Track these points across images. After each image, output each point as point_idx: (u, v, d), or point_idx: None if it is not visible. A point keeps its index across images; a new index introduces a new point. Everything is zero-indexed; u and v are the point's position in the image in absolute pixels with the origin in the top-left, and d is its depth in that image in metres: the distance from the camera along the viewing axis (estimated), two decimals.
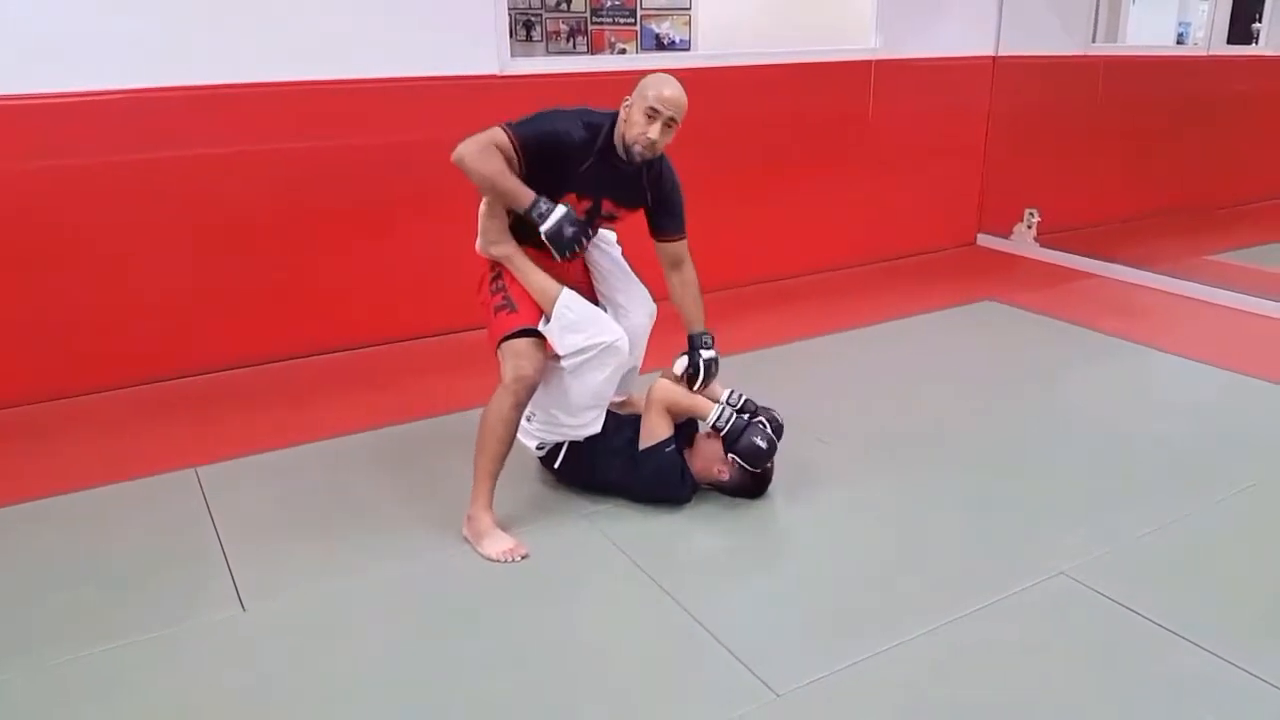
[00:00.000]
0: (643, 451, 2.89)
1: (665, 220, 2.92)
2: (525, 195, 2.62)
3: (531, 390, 2.75)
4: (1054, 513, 2.93)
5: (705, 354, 2.94)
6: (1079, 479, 3.15)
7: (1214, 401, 3.86)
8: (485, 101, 4.10)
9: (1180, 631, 2.34)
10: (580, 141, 2.68)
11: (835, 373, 4.09)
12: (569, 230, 2.62)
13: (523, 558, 2.67)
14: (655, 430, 2.88)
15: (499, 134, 2.63)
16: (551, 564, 2.67)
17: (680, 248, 2.97)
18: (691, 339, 2.97)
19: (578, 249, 2.68)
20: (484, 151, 2.60)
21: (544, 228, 2.61)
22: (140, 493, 3.07)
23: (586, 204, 2.76)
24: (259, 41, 3.83)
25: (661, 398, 2.88)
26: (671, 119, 2.67)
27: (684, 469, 2.92)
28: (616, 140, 2.71)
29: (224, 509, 2.95)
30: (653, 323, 3.03)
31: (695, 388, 2.93)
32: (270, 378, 4.02)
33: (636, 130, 2.65)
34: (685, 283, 2.98)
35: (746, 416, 2.88)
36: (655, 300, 3.07)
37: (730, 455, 2.86)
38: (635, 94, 2.69)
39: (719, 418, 2.84)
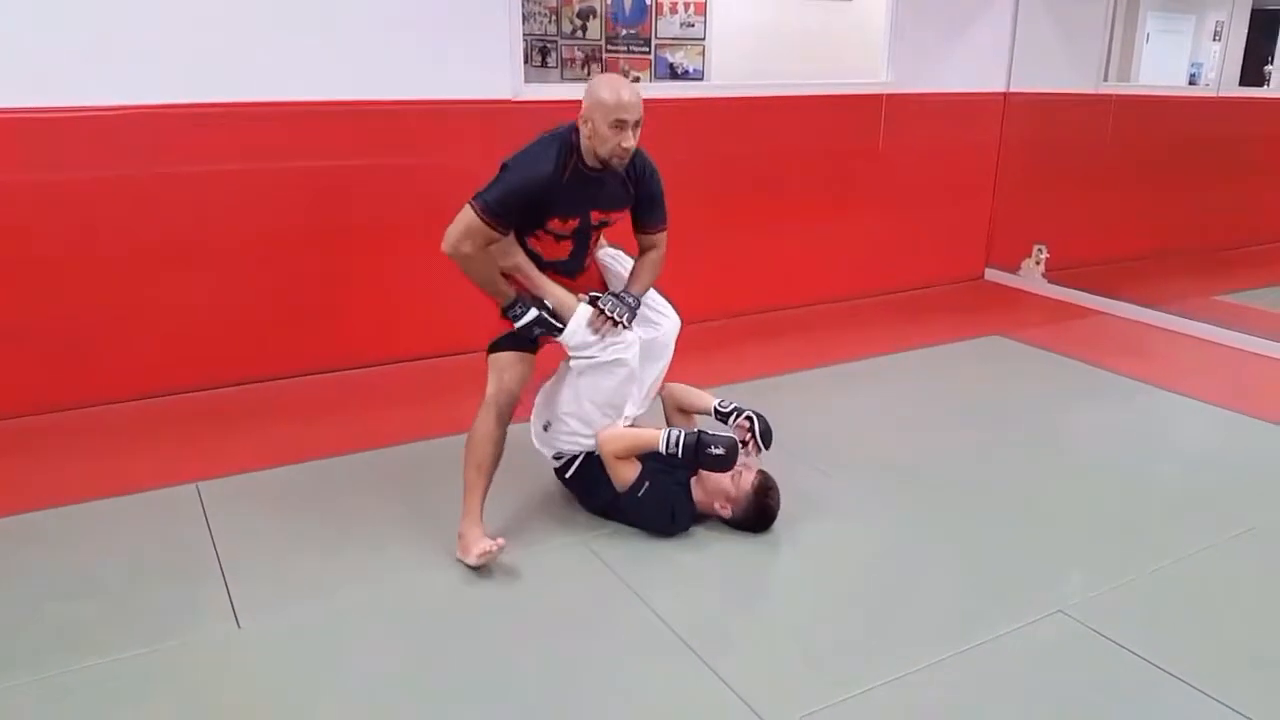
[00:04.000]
0: (623, 497, 2.90)
1: (648, 216, 2.93)
2: (504, 296, 2.74)
3: (514, 403, 2.78)
4: (1054, 550, 2.92)
5: (625, 296, 2.88)
6: (1080, 517, 3.14)
7: (1218, 442, 3.85)
8: (498, 126, 4.13)
9: (1177, 673, 2.32)
10: (549, 175, 2.66)
11: (840, 404, 4.10)
12: (536, 331, 2.75)
13: (500, 547, 2.65)
14: (622, 475, 2.88)
15: (469, 217, 2.65)
16: (545, 588, 2.67)
17: (660, 238, 2.97)
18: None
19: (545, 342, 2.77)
20: (462, 252, 2.66)
21: (516, 326, 2.75)
22: (141, 507, 3.07)
23: (573, 223, 2.77)
24: (278, 62, 3.87)
25: (610, 450, 2.86)
26: (637, 121, 2.66)
27: (674, 506, 2.91)
28: (585, 154, 2.70)
29: (223, 525, 2.96)
30: (677, 334, 3.02)
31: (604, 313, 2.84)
32: (274, 395, 4.04)
33: (610, 145, 2.64)
34: (649, 262, 2.97)
35: (698, 432, 2.87)
36: (680, 316, 3.07)
37: (700, 471, 2.89)
38: (590, 106, 2.63)
39: (668, 443, 2.84)
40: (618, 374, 2.83)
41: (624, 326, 2.83)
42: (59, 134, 3.59)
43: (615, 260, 3.02)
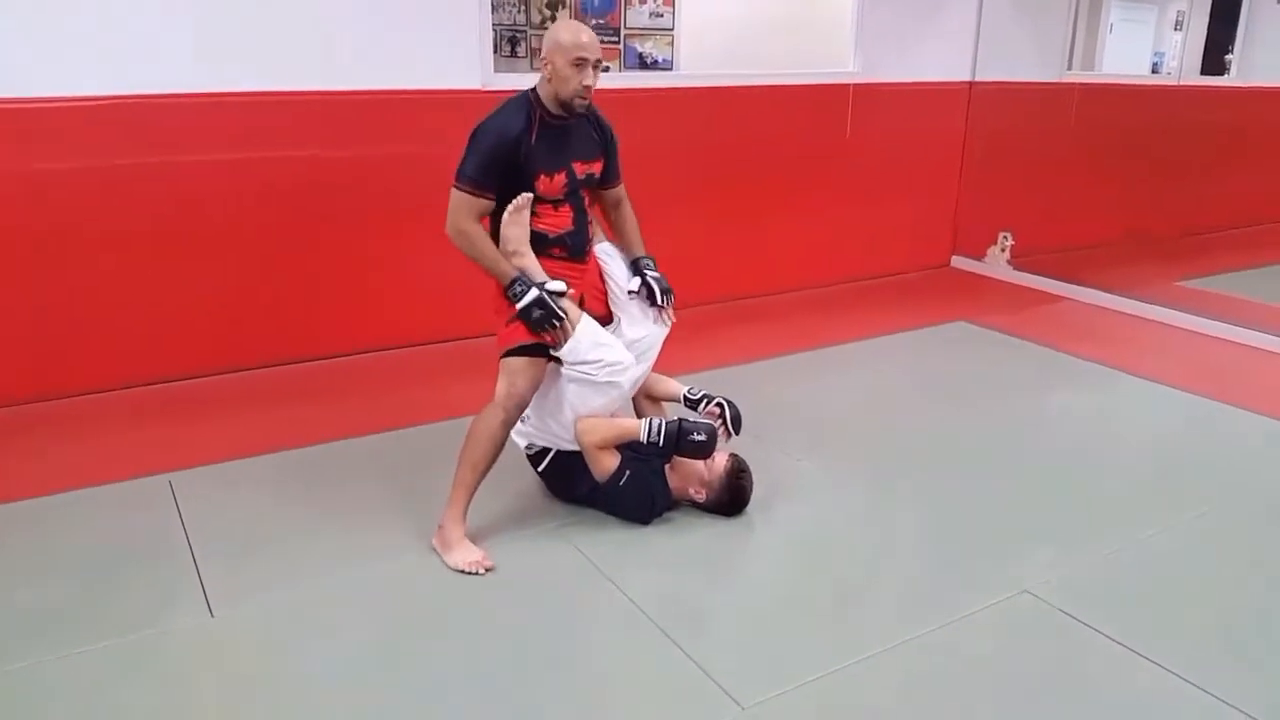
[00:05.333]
0: (603, 486, 2.91)
1: (612, 169, 2.97)
2: (505, 276, 2.71)
3: (522, 408, 2.78)
4: (1020, 532, 2.97)
5: (651, 274, 2.98)
6: (1045, 499, 3.19)
7: (1178, 425, 3.92)
8: (468, 115, 4.10)
9: (1140, 650, 2.37)
10: (518, 130, 2.69)
11: (808, 390, 4.13)
12: (536, 313, 2.69)
13: (487, 570, 2.68)
14: (603, 465, 2.88)
15: (456, 196, 2.69)
16: (520, 574, 2.69)
17: (622, 190, 3.04)
18: (635, 263, 3.01)
19: (548, 328, 2.72)
20: (461, 229, 2.69)
21: (518, 307, 2.70)
22: (112, 498, 3.06)
23: (561, 178, 2.77)
24: (251, 53, 3.86)
25: (589, 440, 2.87)
26: (597, 60, 2.70)
27: (654, 493, 2.94)
28: (547, 102, 2.73)
29: (195, 515, 2.95)
30: (668, 332, 3.03)
31: (658, 303, 2.96)
32: (246, 385, 4.02)
33: (573, 84, 2.68)
34: (627, 217, 3.06)
35: (678, 420, 2.89)
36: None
37: (675, 457, 2.92)
38: (550, 50, 2.67)
39: (649, 432, 2.86)
40: (609, 394, 2.84)
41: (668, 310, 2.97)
42: (36, 123, 3.56)
43: (610, 258, 3.03)
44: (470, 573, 2.66)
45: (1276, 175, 6.50)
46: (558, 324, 2.71)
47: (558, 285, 2.74)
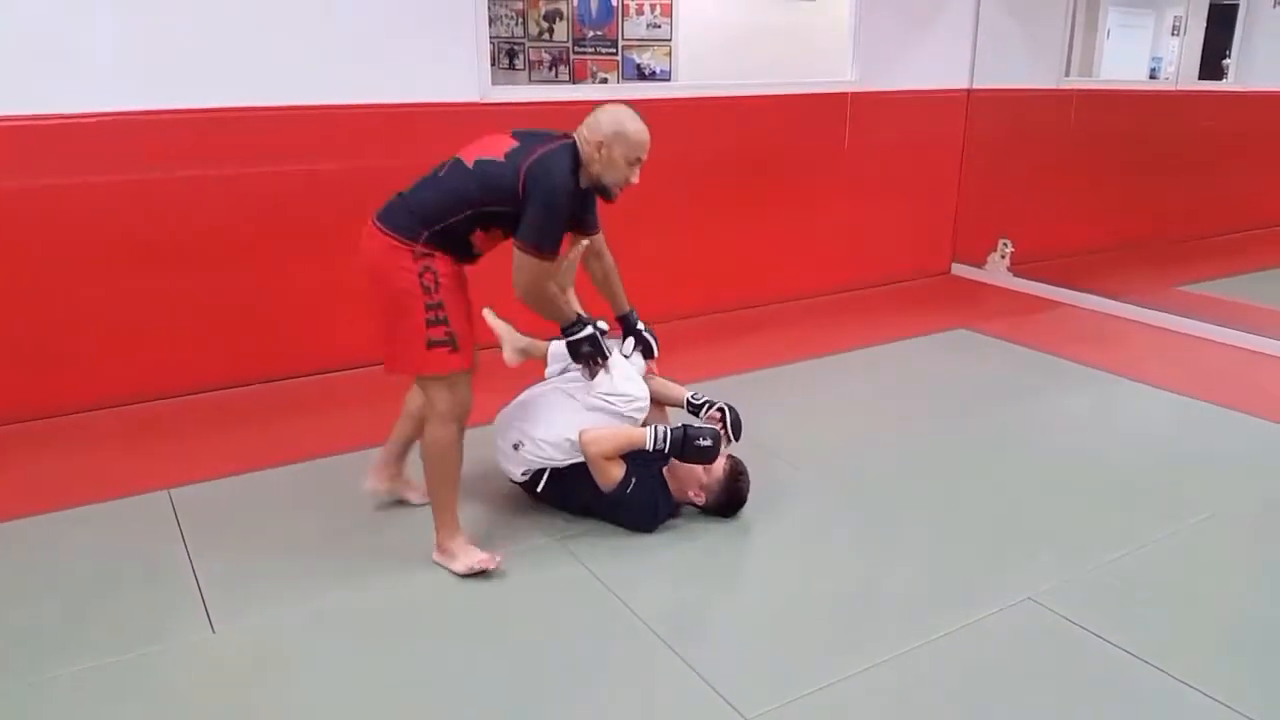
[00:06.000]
0: (610, 496, 2.91)
1: (591, 218, 2.98)
2: (569, 318, 2.86)
3: (469, 414, 2.75)
4: (1022, 539, 2.97)
5: (641, 325, 3.12)
6: (1047, 505, 3.19)
7: (1180, 430, 3.92)
8: (465, 127, 4.10)
9: (1145, 657, 2.37)
10: (573, 188, 2.69)
11: (808, 398, 4.13)
12: (586, 349, 2.87)
13: (497, 564, 2.68)
14: (610, 475, 2.88)
15: (536, 264, 2.62)
16: (522, 587, 2.68)
17: (602, 239, 3.07)
18: (623, 319, 3.11)
19: (589, 363, 2.92)
20: (545, 296, 2.72)
21: (570, 339, 2.87)
22: (112, 514, 3.06)
23: (567, 240, 2.82)
24: (247, 68, 3.86)
25: (596, 451, 2.87)
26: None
27: (657, 501, 2.94)
28: (583, 173, 2.72)
29: (196, 531, 2.95)
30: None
31: (654, 355, 3.14)
32: (246, 401, 4.02)
33: (621, 175, 2.71)
34: (609, 268, 3.10)
35: (683, 426, 2.92)
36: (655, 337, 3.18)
37: (673, 461, 2.94)
38: (611, 135, 2.66)
39: (655, 440, 2.87)
40: (624, 424, 2.93)
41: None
42: (18, 141, 3.55)
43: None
44: (481, 571, 2.67)
45: (1275, 179, 6.51)
46: (602, 361, 2.90)
47: (604, 325, 2.94)
